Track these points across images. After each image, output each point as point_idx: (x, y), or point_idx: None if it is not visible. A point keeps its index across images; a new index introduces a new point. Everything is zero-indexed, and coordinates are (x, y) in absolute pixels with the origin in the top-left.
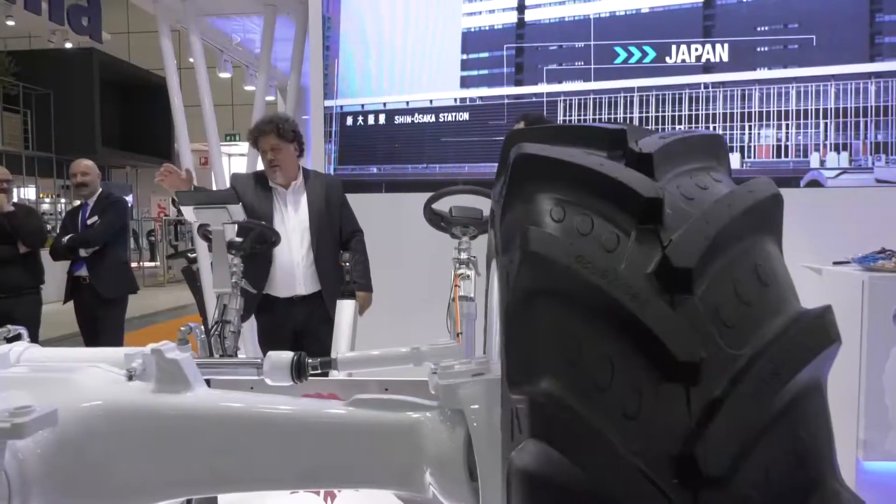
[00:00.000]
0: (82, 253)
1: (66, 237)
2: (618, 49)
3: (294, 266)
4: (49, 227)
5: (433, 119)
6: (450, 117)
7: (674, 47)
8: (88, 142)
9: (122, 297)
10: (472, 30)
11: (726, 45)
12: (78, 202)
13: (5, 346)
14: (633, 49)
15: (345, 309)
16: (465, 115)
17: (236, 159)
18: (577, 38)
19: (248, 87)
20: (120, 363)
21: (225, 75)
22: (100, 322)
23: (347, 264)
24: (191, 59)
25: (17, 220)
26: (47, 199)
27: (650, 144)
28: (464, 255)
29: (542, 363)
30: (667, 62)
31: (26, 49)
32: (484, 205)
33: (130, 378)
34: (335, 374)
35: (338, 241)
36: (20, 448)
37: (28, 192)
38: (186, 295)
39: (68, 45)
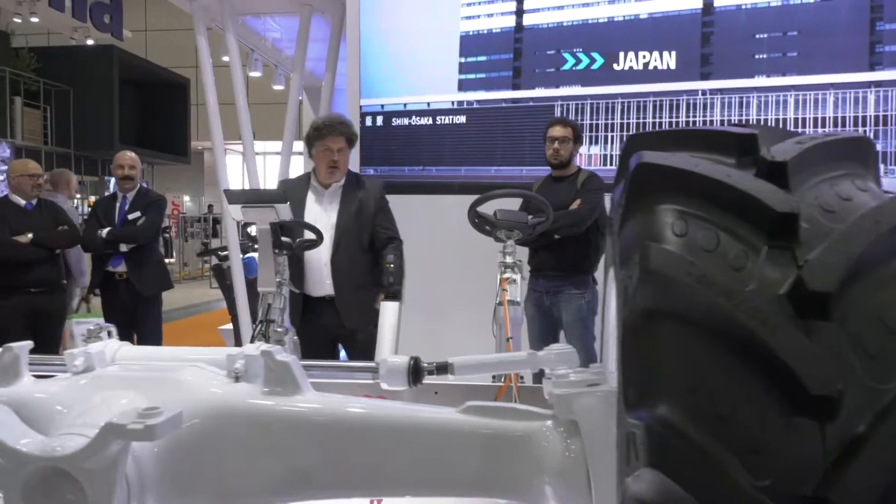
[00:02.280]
0: (122, 248)
1: (105, 230)
2: (566, 55)
3: (322, 265)
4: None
5: (431, 121)
6: (447, 120)
7: (621, 54)
8: (107, 138)
9: (159, 294)
10: (471, 33)
11: (725, 55)
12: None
13: (99, 343)
14: (580, 55)
15: (388, 311)
16: (463, 119)
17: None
18: (574, 44)
19: (277, 87)
20: (220, 363)
21: (255, 74)
22: (138, 319)
23: (391, 266)
24: (224, 59)
25: (49, 241)
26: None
27: (784, 151)
28: (509, 259)
29: (661, 388)
30: (614, 69)
31: (47, 45)
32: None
33: (237, 379)
34: (449, 379)
35: (364, 246)
36: (135, 449)
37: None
38: (200, 292)
39: (90, 42)
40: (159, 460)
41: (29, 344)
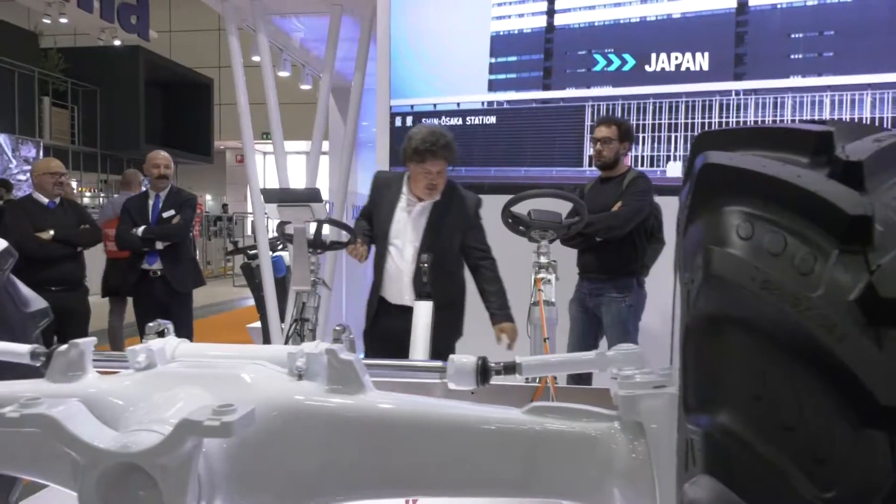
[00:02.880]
0: (158, 246)
1: (141, 228)
2: (597, 56)
3: (402, 274)
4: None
5: (461, 122)
6: (477, 120)
7: (653, 55)
8: (133, 138)
9: (191, 291)
10: (502, 33)
11: (759, 55)
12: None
13: (159, 340)
14: (612, 56)
15: (421, 311)
16: (493, 119)
17: (272, 157)
18: (605, 45)
19: (304, 87)
20: (280, 361)
21: (284, 74)
22: (172, 316)
23: (426, 265)
24: (254, 58)
25: (71, 239)
26: (88, 193)
27: (860, 150)
28: (544, 259)
29: (723, 395)
30: (646, 70)
31: (75, 46)
32: (563, 208)
33: (299, 377)
34: (516, 379)
35: (448, 267)
36: (204, 446)
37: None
38: (223, 290)
39: (117, 43)
40: (227, 458)
41: (93, 340)
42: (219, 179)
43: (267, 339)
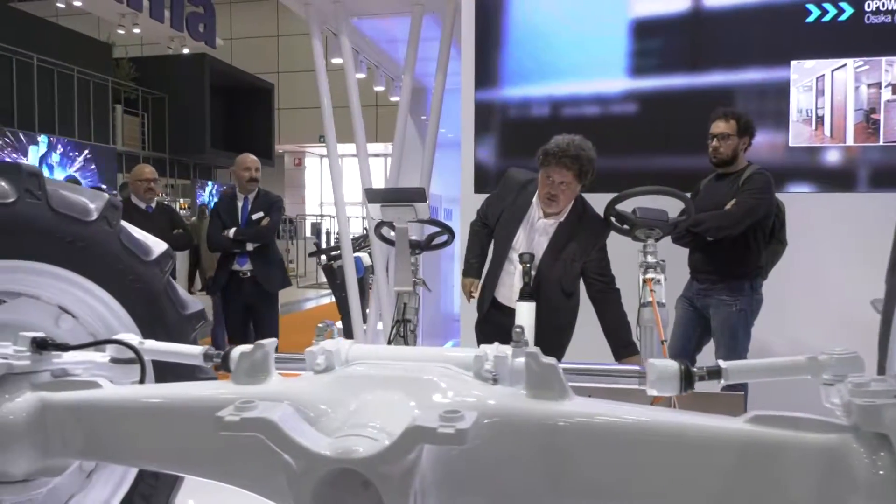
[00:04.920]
0: (248, 247)
1: (232, 230)
2: (810, 6)
3: (515, 284)
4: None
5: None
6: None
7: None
8: (199, 143)
9: (278, 292)
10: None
11: None
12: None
13: (331, 342)
14: (827, 6)
15: (524, 311)
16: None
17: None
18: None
19: (378, 88)
20: (465, 364)
21: (360, 75)
22: (260, 316)
23: (528, 265)
24: (334, 61)
25: (171, 243)
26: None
27: None
28: (651, 259)
29: None
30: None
31: (143, 55)
32: (669, 205)
33: (494, 381)
34: (720, 385)
35: (569, 283)
36: None
37: None
38: (289, 291)
39: (185, 51)
40: (436, 465)
41: (275, 341)
42: (278, 183)
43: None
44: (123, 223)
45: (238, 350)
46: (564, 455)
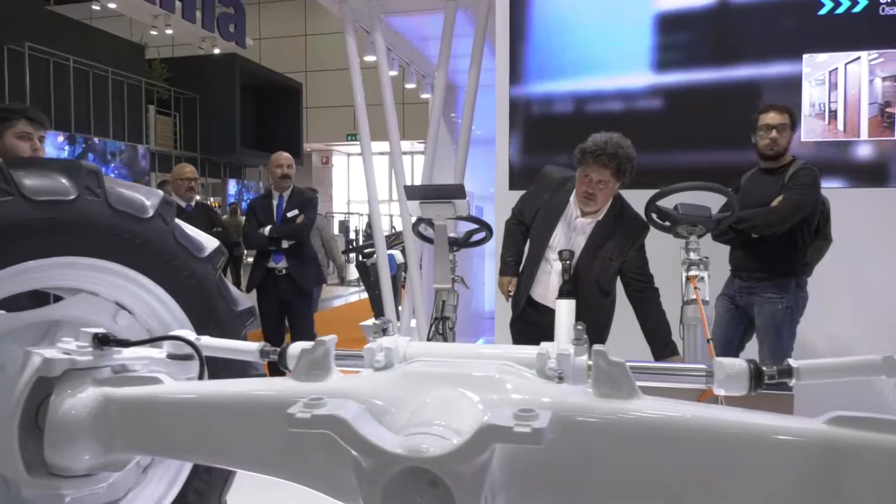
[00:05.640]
0: (284, 245)
1: (268, 228)
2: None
3: (551, 283)
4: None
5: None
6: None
7: None
8: (229, 142)
9: (312, 289)
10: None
11: None
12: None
13: (389, 339)
14: None
15: (563, 308)
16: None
17: (356, 159)
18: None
19: (409, 85)
20: (526, 362)
21: (392, 73)
22: (294, 312)
23: (567, 262)
24: (366, 59)
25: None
26: None
27: None
28: (694, 256)
29: None
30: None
31: (174, 56)
32: (708, 201)
33: (560, 380)
34: (790, 384)
35: (606, 282)
36: None
37: None
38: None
39: (216, 51)
40: (506, 465)
41: (334, 337)
42: (306, 181)
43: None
44: (177, 220)
45: (297, 346)
46: (635, 455)
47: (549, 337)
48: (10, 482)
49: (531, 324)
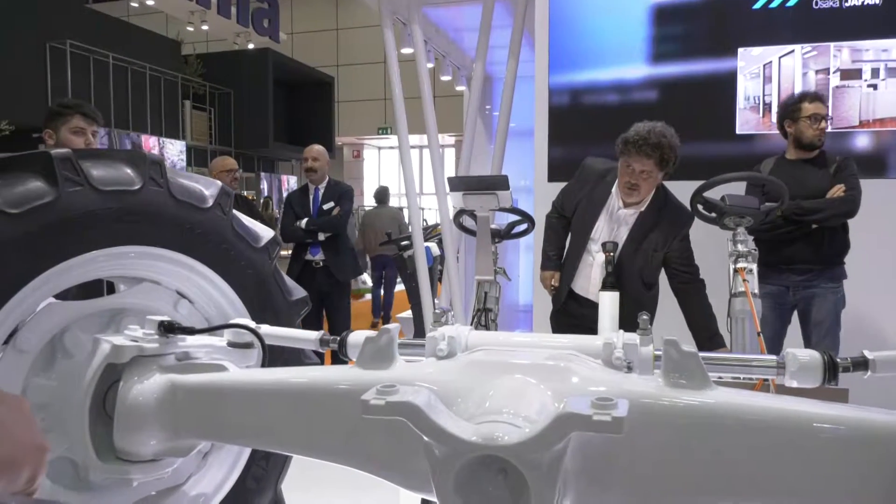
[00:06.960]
0: (320, 237)
1: (304, 221)
2: None
3: (593, 275)
4: None
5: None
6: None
7: None
8: (262, 136)
9: (350, 281)
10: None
11: None
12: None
13: (451, 328)
14: None
15: (606, 300)
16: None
17: (386, 152)
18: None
19: (445, 78)
20: (592, 352)
21: (430, 65)
22: (331, 303)
23: (611, 254)
24: (403, 51)
25: None
26: None
27: None
28: (742, 248)
29: None
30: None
31: (209, 52)
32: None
33: (629, 369)
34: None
35: (649, 274)
36: None
37: None
38: None
39: (251, 46)
40: (578, 455)
41: (398, 326)
42: (337, 174)
43: (420, 330)
44: (234, 211)
45: (360, 335)
46: (710, 447)
47: (591, 329)
48: (80, 467)
49: (572, 316)
